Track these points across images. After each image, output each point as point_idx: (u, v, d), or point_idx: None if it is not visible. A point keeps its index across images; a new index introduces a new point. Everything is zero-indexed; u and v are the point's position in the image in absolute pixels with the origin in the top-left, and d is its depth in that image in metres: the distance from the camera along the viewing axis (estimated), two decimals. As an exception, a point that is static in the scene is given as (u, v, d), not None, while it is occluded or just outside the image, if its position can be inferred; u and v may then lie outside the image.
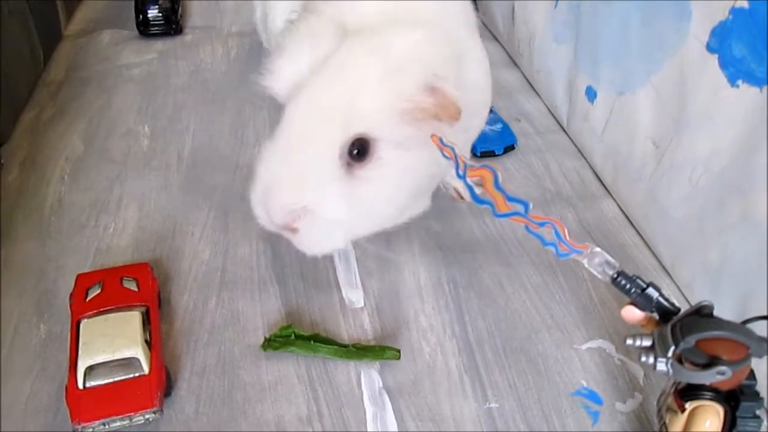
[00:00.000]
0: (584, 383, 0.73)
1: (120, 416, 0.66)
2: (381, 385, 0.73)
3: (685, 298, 0.81)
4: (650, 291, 0.58)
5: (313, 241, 0.71)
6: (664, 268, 0.86)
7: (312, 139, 0.68)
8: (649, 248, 0.89)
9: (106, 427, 0.66)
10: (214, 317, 0.80)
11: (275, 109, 0.74)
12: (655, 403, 0.71)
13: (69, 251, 0.88)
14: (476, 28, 0.88)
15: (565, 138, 1.11)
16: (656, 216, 0.86)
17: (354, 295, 0.83)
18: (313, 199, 0.68)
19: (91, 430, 0.66)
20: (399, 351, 0.74)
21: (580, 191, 1.00)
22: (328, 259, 0.87)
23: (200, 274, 0.85)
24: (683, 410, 0.57)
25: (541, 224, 0.61)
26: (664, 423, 0.60)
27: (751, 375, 0.57)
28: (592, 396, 0.72)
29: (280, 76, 0.73)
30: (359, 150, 0.68)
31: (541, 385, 0.73)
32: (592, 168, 1.03)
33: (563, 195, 0.99)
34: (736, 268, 0.73)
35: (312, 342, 0.75)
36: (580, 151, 1.07)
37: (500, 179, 0.62)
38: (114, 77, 1.28)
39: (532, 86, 1.25)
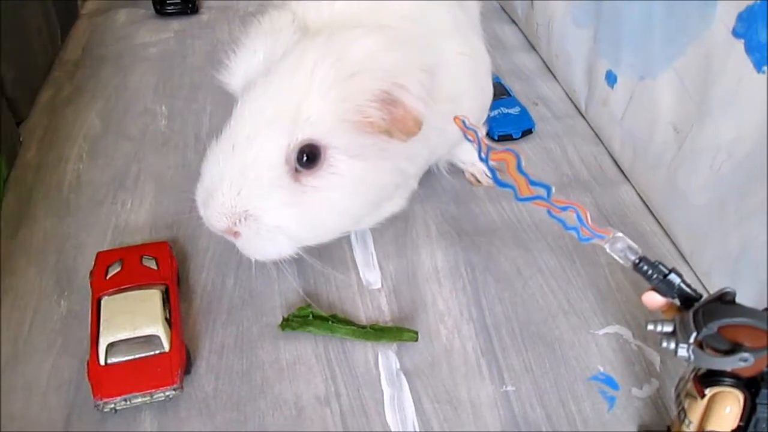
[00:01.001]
0: (601, 368, 0.74)
1: (141, 393, 0.66)
2: (398, 366, 0.73)
3: (703, 286, 0.81)
4: (672, 277, 0.58)
5: (256, 247, 0.69)
6: (682, 255, 0.86)
7: (257, 141, 0.66)
8: (668, 235, 0.89)
9: (128, 403, 0.67)
10: (232, 296, 0.80)
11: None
12: (671, 389, 0.71)
13: (87, 228, 0.89)
14: (473, 30, 0.85)
15: (582, 123, 1.10)
16: (676, 202, 0.85)
17: (371, 276, 0.83)
18: (256, 205, 0.66)
19: (113, 405, 0.66)
20: (417, 333, 0.75)
21: (597, 176, 0.99)
22: (346, 240, 0.87)
23: (218, 253, 0.85)
24: (703, 396, 0.57)
25: (563, 208, 0.61)
26: (683, 408, 0.60)
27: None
28: (609, 381, 0.73)
29: (235, 71, 0.71)
30: (308, 156, 0.66)
31: (557, 370, 0.73)
32: (610, 153, 1.02)
33: (581, 180, 0.98)
34: (756, 256, 0.73)
35: (330, 322, 0.75)
36: (598, 136, 1.06)
37: (523, 163, 0.62)
38: (130, 56, 1.28)
39: (549, 70, 1.24)
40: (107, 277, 0.75)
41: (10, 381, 0.71)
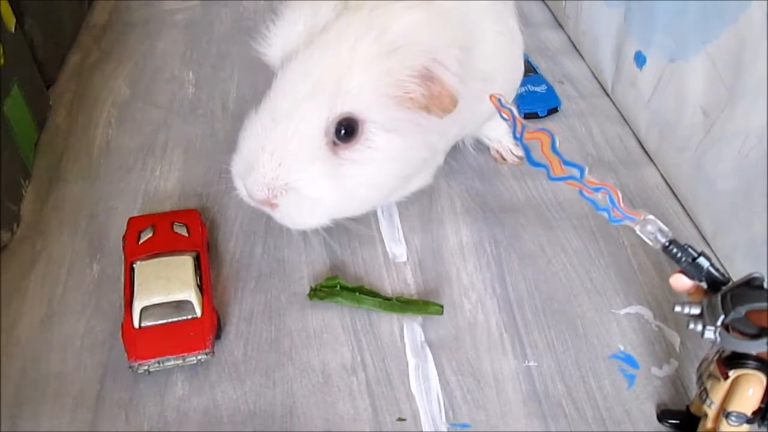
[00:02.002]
0: (621, 347, 0.75)
1: (174, 356, 0.68)
2: (423, 338, 0.75)
3: (725, 270, 0.82)
4: (701, 260, 0.59)
5: (294, 218, 0.71)
6: (704, 238, 0.86)
7: (297, 113, 0.66)
8: (690, 218, 0.89)
9: (161, 365, 0.69)
10: (260, 265, 0.82)
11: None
12: (690, 370, 0.73)
13: (117, 193, 0.90)
14: (507, 8, 0.85)
15: (608, 103, 1.10)
16: (701, 186, 0.86)
17: (397, 249, 0.84)
18: (296, 177, 0.67)
19: (146, 367, 0.68)
20: (442, 306, 0.76)
21: (622, 157, 0.99)
22: (372, 213, 0.88)
23: (246, 221, 0.87)
24: (726, 378, 0.58)
25: (596, 189, 0.61)
26: (705, 389, 0.61)
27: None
28: (629, 360, 0.74)
29: (273, 42, 0.71)
30: (346, 130, 0.67)
31: (579, 347, 0.75)
32: (635, 135, 1.02)
33: (605, 160, 0.99)
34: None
35: (357, 294, 0.76)
36: (623, 116, 1.06)
37: (557, 143, 0.62)
38: (157, 22, 1.28)
39: (575, 48, 1.23)
40: (139, 243, 0.77)
41: (47, 340, 0.73)
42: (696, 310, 0.58)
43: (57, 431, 0.66)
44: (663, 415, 0.70)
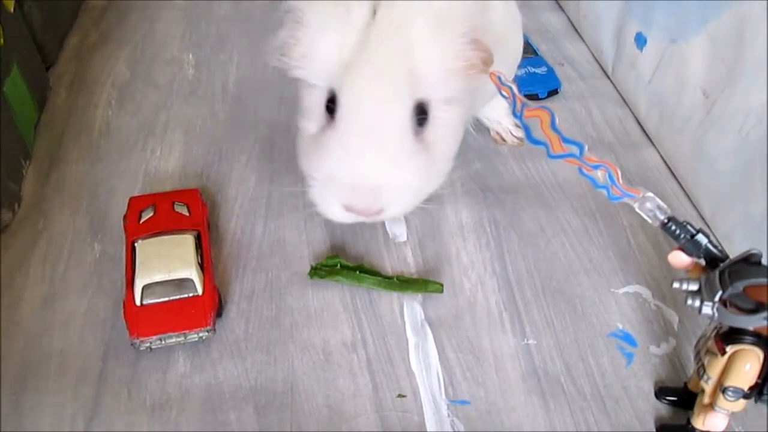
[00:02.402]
0: (620, 326, 0.75)
1: (176, 333, 0.69)
2: (423, 317, 0.75)
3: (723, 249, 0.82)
4: (699, 237, 0.59)
5: (398, 214, 0.69)
6: (703, 218, 0.87)
7: (387, 120, 0.64)
8: (689, 198, 0.90)
9: (162, 342, 0.69)
10: (261, 244, 0.82)
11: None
12: (688, 348, 0.74)
13: (118, 174, 0.90)
14: None
15: (608, 84, 1.10)
16: (700, 166, 0.86)
17: (398, 229, 0.85)
18: (401, 181, 0.65)
19: (148, 344, 0.69)
20: (442, 285, 0.77)
21: (622, 138, 1.00)
22: (372, 194, 0.88)
23: (246, 201, 0.87)
24: (724, 353, 0.59)
25: (595, 167, 0.62)
26: (702, 365, 0.62)
27: (793, 324, 0.58)
28: (627, 338, 0.75)
29: (312, 55, 0.65)
30: (420, 115, 0.66)
31: (577, 325, 0.75)
32: (635, 116, 1.03)
33: (605, 141, 0.99)
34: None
35: (357, 272, 0.77)
36: (623, 98, 1.06)
37: (557, 121, 0.62)
38: (156, 4, 1.28)
39: (576, 30, 1.23)
40: (141, 222, 0.77)
41: (49, 318, 0.73)
42: (694, 286, 0.58)
43: (60, 406, 0.66)
44: (661, 392, 0.71)
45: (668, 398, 0.71)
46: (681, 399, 0.70)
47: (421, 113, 0.66)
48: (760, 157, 0.75)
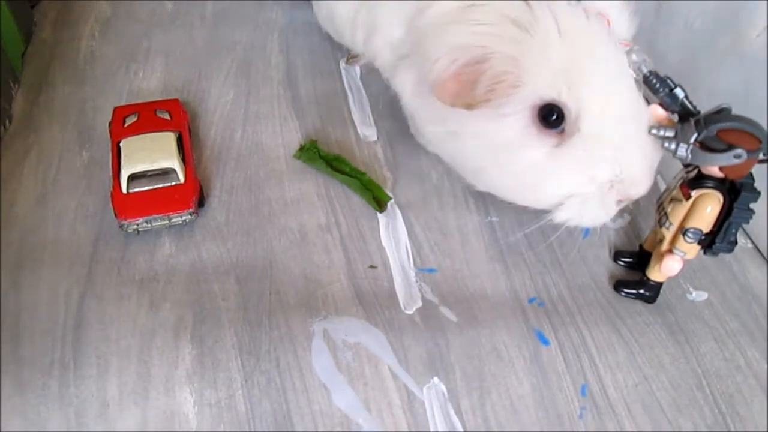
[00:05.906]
0: (578, 204, 0.80)
1: (160, 215, 0.74)
2: (393, 200, 0.80)
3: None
4: (677, 91, 0.63)
5: None
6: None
7: (641, 111, 0.65)
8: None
9: (149, 225, 0.74)
10: (240, 147, 0.87)
11: None
12: (643, 224, 0.79)
13: (104, 93, 0.95)
14: None
15: None
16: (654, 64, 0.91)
17: (368, 131, 0.90)
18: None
19: (135, 226, 0.74)
20: (391, 197, 0.81)
21: None
22: (342, 99, 0.93)
23: (225, 112, 0.92)
24: (689, 198, 0.64)
25: None
26: (665, 213, 0.67)
27: (750, 175, 0.63)
28: (585, 215, 0.80)
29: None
30: None
31: (538, 205, 0.80)
32: None
33: None
34: (726, 99, 0.78)
35: (334, 161, 0.83)
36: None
37: None
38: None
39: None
40: (125, 126, 0.82)
41: (42, 214, 0.78)
42: (670, 133, 0.62)
43: (55, 283, 0.71)
44: (617, 256, 0.77)
45: (624, 260, 0.76)
46: (636, 260, 0.75)
47: None
48: (705, 44, 0.80)
